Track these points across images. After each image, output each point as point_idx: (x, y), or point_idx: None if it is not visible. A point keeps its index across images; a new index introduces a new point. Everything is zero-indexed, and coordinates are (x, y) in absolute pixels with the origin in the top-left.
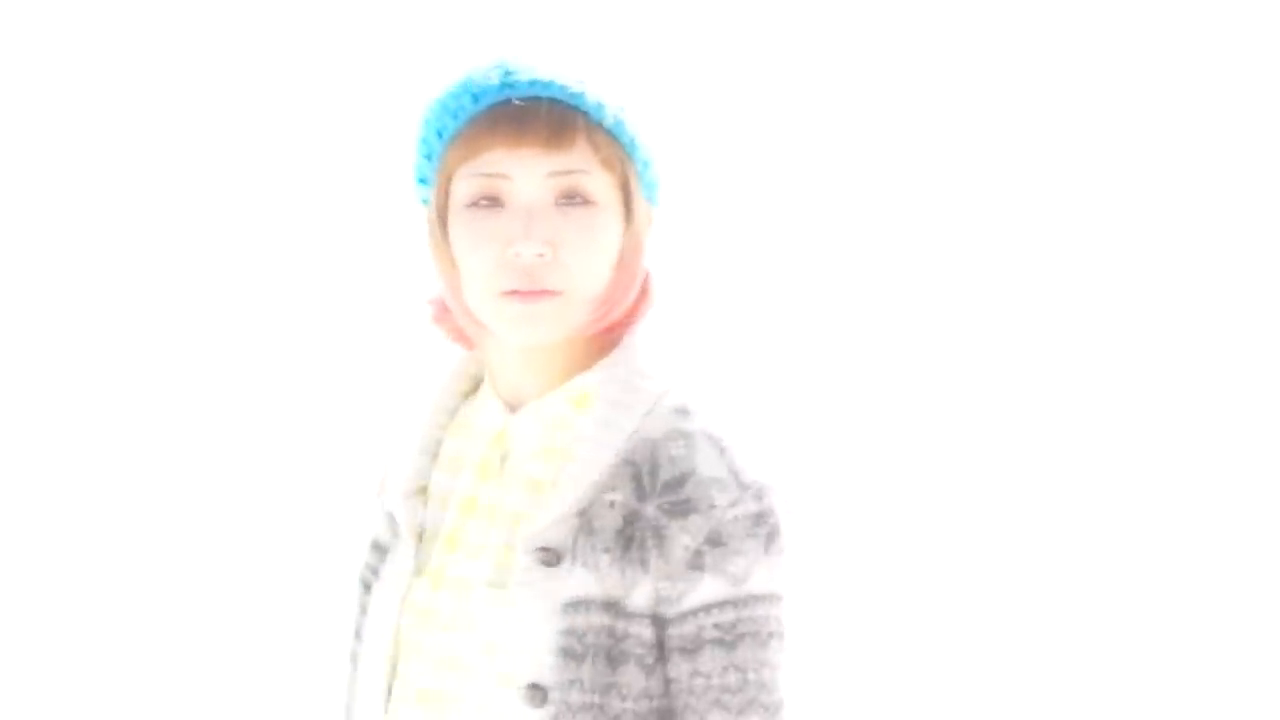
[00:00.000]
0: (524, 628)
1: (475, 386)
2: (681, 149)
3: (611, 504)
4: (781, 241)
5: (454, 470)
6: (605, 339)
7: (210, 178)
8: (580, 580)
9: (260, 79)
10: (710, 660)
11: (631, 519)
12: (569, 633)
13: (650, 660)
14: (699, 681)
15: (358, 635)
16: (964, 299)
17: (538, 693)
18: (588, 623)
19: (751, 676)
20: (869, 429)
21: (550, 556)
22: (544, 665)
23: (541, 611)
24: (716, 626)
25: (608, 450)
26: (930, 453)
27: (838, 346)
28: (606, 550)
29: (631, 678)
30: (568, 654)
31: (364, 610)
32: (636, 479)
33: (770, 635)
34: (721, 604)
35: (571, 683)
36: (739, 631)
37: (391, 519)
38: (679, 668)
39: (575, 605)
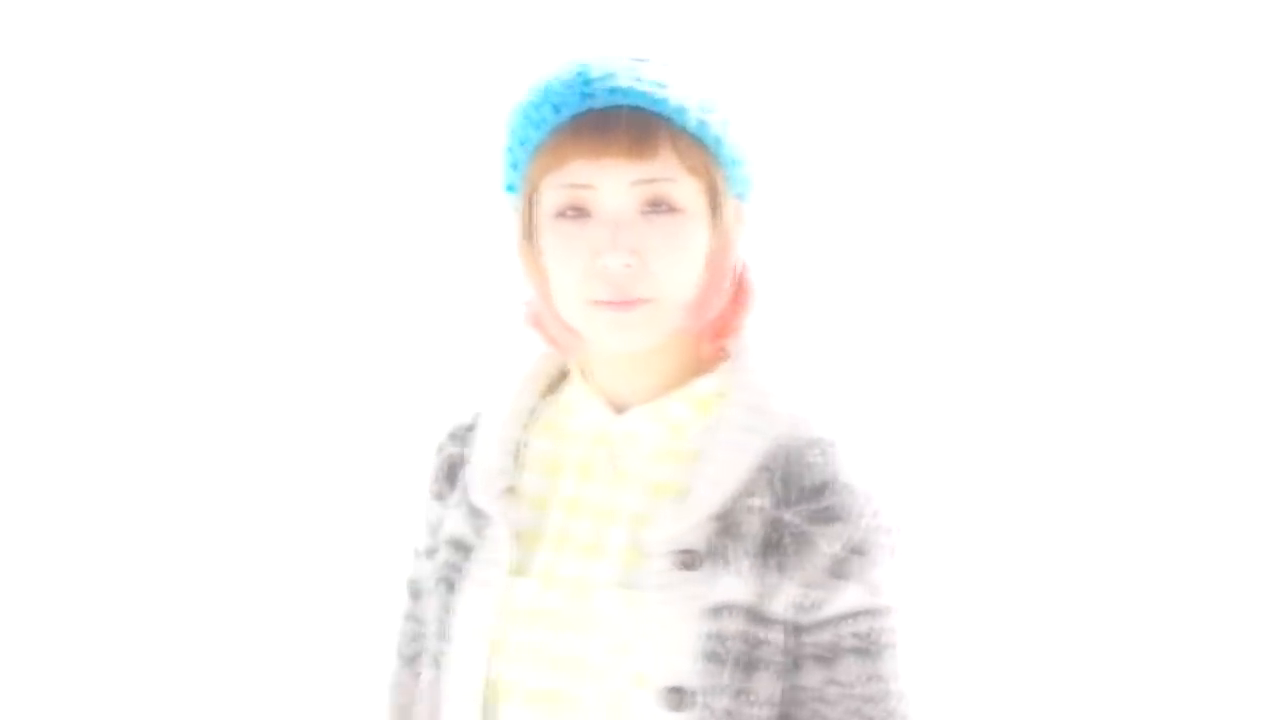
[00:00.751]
0: (662, 630)
1: (552, 386)
2: (773, 141)
3: (753, 509)
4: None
5: (547, 471)
6: (709, 338)
7: (272, 174)
8: (726, 585)
9: (323, 75)
10: (848, 669)
11: (772, 525)
12: (715, 637)
13: (782, 667)
14: (834, 690)
15: (443, 635)
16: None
17: (678, 696)
18: (731, 628)
19: (892, 687)
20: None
21: (690, 559)
22: (685, 669)
23: (683, 614)
24: (856, 635)
25: (749, 454)
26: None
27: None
28: (749, 555)
29: (763, 684)
30: (713, 658)
31: (449, 610)
32: (773, 484)
33: (901, 645)
34: (861, 613)
35: (716, 688)
36: (879, 641)
37: (474, 518)
38: (813, 676)
39: (720, 609)
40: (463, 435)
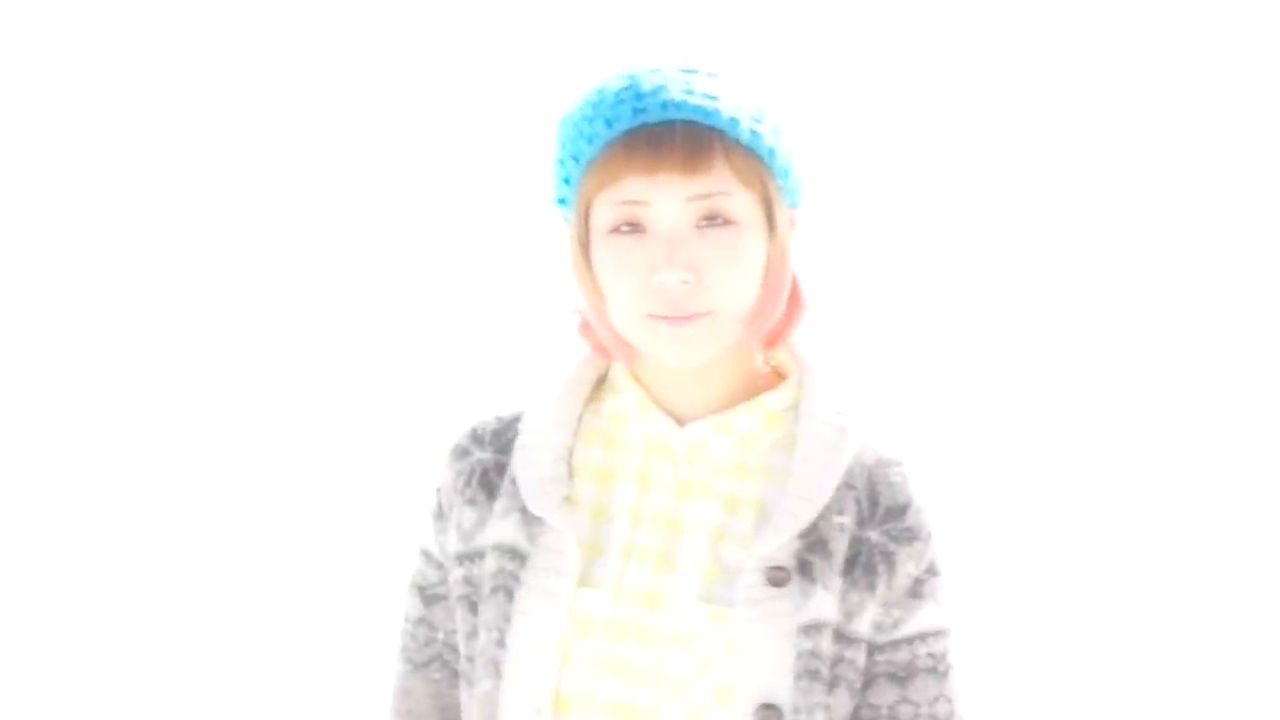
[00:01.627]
0: (754, 647)
1: (592, 392)
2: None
3: (841, 527)
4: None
5: (599, 480)
6: (761, 348)
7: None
8: (819, 602)
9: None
10: (922, 689)
11: (856, 543)
12: (811, 654)
13: (859, 685)
14: (906, 709)
15: (502, 644)
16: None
17: (770, 713)
18: (822, 645)
19: (957, 707)
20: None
21: (780, 576)
22: (780, 686)
23: (776, 631)
24: (930, 655)
25: (835, 472)
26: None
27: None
28: (840, 574)
29: (840, 701)
30: (809, 676)
31: (508, 619)
32: (858, 503)
33: (960, 665)
34: (936, 633)
35: (808, 705)
36: (948, 661)
37: (528, 525)
38: (885, 694)
39: (812, 627)
40: (491, 440)
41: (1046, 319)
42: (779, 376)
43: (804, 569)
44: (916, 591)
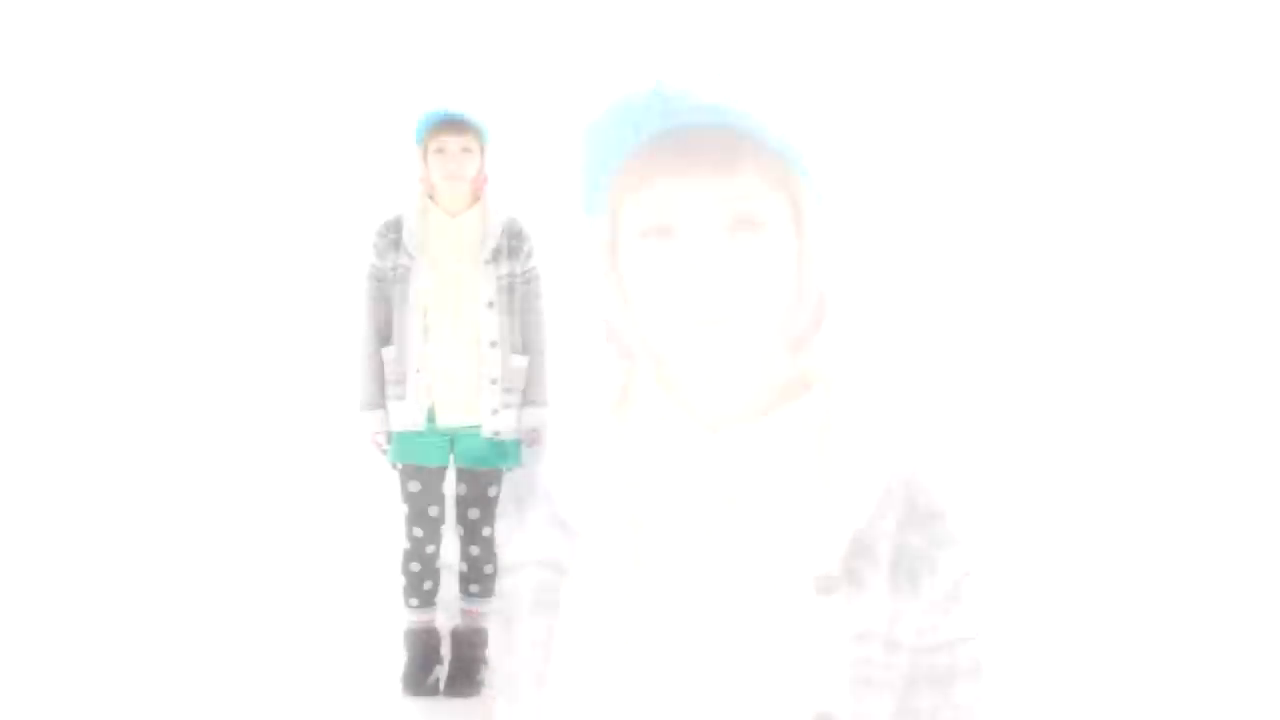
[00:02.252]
0: (809, 656)
1: (618, 399)
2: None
3: (885, 533)
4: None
5: (635, 489)
6: (791, 351)
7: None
8: (869, 609)
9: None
10: (962, 692)
11: (899, 548)
12: (863, 661)
13: (900, 689)
14: (948, 714)
15: (547, 659)
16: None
17: None
18: (873, 652)
19: (994, 707)
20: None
21: (829, 584)
22: (835, 694)
23: (830, 640)
24: (968, 658)
25: (876, 478)
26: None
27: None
28: (886, 579)
29: (885, 705)
30: (864, 683)
31: (552, 633)
32: (897, 508)
33: (991, 667)
34: (973, 635)
35: (863, 713)
36: (982, 663)
37: (567, 539)
38: (927, 698)
39: (865, 634)
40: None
41: (1055, 321)
42: (803, 383)
43: (851, 576)
44: (954, 595)
